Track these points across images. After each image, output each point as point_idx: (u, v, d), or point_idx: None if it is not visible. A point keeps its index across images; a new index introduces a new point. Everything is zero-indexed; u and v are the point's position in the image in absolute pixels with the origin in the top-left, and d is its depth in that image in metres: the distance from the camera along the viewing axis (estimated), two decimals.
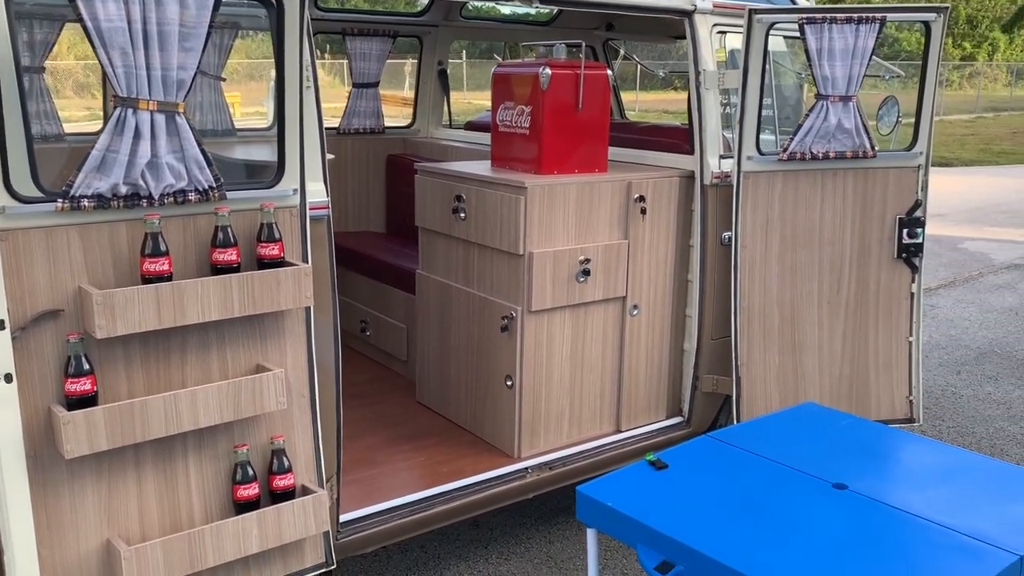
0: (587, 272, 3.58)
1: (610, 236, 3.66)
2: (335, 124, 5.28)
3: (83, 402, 2.28)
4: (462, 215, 3.69)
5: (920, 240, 3.95)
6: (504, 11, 6.07)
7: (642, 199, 3.70)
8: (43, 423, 2.30)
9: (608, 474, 2.55)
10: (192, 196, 2.39)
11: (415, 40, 5.41)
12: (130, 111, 2.25)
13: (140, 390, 2.43)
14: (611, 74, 3.86)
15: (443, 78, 5.50)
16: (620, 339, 3.80)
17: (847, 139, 3.78)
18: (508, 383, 3.59)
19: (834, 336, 3.98)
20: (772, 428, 2.85)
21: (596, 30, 5.51)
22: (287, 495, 2.64)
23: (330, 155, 2.79)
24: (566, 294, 3.56)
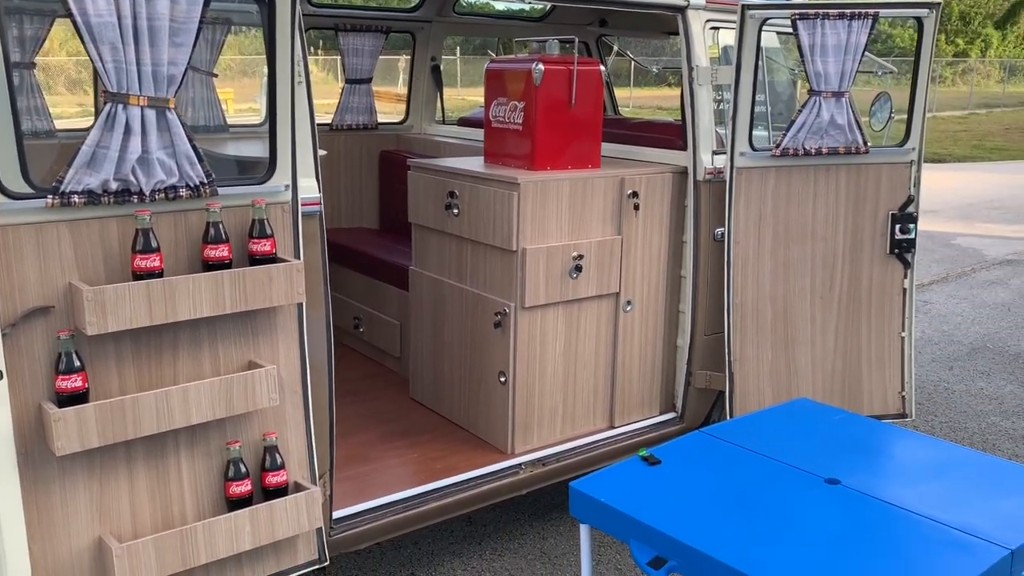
0: (580, 268, 3.58)
1: (603, 232, 3.66)
2: (328, 120, 5.26)
3: (74, 399, 2.27)
4: (455, 211, 3.68)
5: (912, 236, 3.96)
6: (497, 7, 6.07)
7: (635, 195, 3.70)
8: (34, 420, 2.29)
9: (601, 470, 2.55)
10: (183, 192, 2.38)
11: (408, 36, 5.41)
12: (120, 107, 2.24)
13: (132, 387, 2.42)
14: (604, 70, 3.86)
15: (436, 74, 5.49)
16: (613, 335, 3.80)
17: (840, 135, 3.79)
18: (501, 379, 3.59)
19: (827, 332, 3.98)
20: (765, 424, 2.86)
21: (589, 26, 5.50)
22: (280, 492, 2.64)
23: (323, 151, 2.79)
24: (559, 290, 3.55)
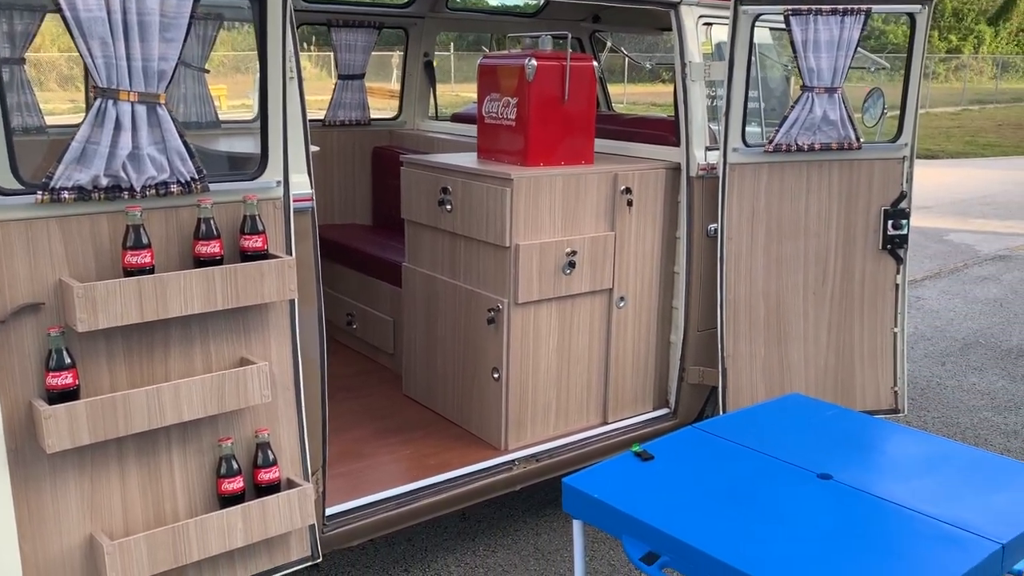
0: (573, 264, 3.57)
1: (596, 228, 3.65)
2: (321, 116, 5.25)
3: (64, 396, 2.26)
4: (448, 207, 3.68)
5: (905, 231, 3.97)
6: (491, 2, 6.05)
7: (628, 191, 3.69)
8: (24, 417, 2.28)
9: (594, 466, 2.55)
10: (174, 188, 2.37)
11: (401, 32, 5.39)
12: (110, 102, 2.23)
13: (123, 384, 2.41)
14: (597, 66, 3.85)
15: (429, 70, 5.48)
16: (607, 331, 3.80)
17: (832, 131, 3.79)
18: (495, 375, 3.59)
19: (819, 327, 3.99)
20: (758, 419, 2.86)
21: (583, 22, 5.50)
22: (272, 488, 2.64)
23: (316, 147, 2.78)
24: (552, 286, 3.55)
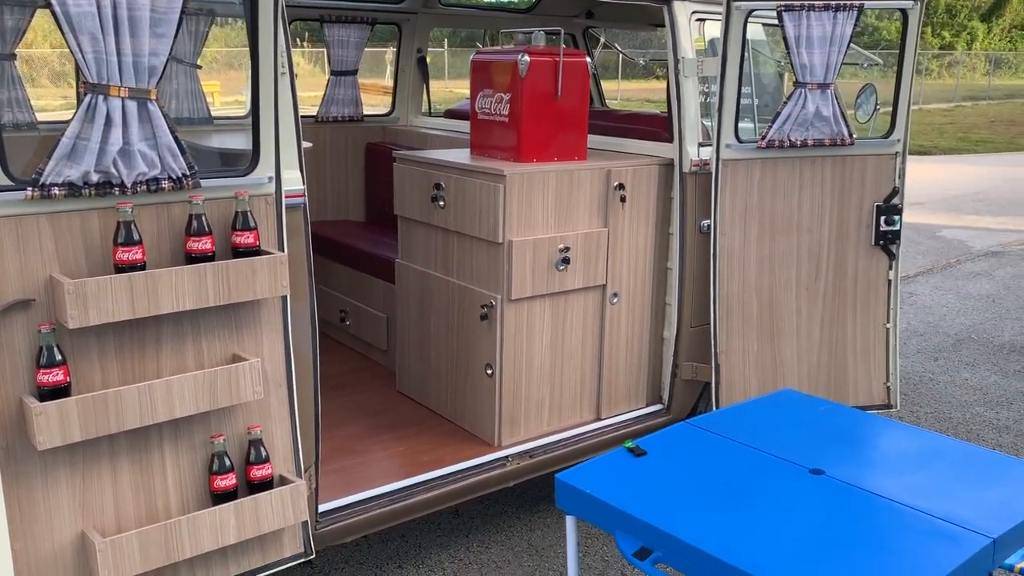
0: (567, 260, 3.57)
1: (590, 224, 3.65)
2: (314, 112, 5.24)
3: (55, 393, 2.25)
4: (441, 203, 3.67)
5: (897, 227, 3.98)
6: None
7: (622, 187, 3.69)
8: (15, 415, 2.27)
9: (587, 462, 2.55)
10: (165, 184, 2.36)
11: (394, 28, 5.38)
12: (101, 97, 2.22)
13: (114, 380, 2.40)
14: (590, 62, 3.85)
15: (422, 66, 5.47)
16: (600, 327, 3.80)
17: (825, 127, 3.79)
18: (488, 372, 3.58)
19: (812, 323, 3.99)
20: (750, 415, 2.86)
21: (576, 18, 5.49)
22: (265, 485, 2.63)
23: (308, 143, 2.77)
24: (546, 282, 3.55)
